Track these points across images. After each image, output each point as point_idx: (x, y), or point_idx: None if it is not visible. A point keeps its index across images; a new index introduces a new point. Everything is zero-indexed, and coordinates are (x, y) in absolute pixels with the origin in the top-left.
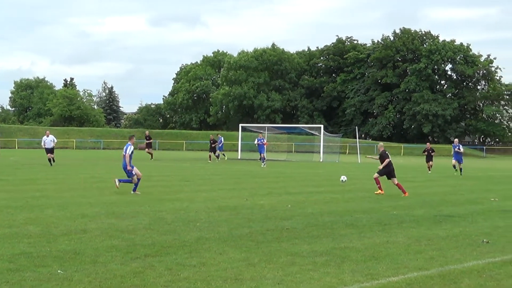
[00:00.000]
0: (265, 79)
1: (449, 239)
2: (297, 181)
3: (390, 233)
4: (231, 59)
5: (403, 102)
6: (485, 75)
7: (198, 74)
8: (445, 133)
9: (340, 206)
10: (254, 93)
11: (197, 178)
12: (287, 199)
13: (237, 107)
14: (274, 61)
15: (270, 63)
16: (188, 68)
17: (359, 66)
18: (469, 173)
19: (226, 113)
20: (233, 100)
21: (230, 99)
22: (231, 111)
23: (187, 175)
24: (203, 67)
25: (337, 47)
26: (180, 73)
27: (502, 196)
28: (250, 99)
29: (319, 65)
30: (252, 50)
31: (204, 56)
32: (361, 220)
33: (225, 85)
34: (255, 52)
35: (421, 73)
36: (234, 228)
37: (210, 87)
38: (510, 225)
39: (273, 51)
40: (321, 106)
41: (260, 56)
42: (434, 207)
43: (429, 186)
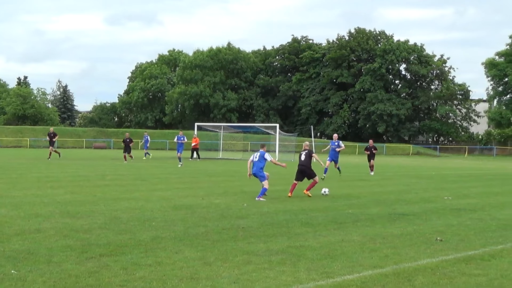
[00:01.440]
0: (221, 78)
1: (403, 237)
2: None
3: (345, 232)
4: (186, 58)
5: (358, 102)
6: (438, 75)
7: (153, 73)
8: (399, 133)
9: (296, 204)
10: (210, 92)
11: (152, 177)
12: (242, 198)
13: (193, 106)
14: (229, 60)
15: (225, 62)
16: (143, 67)
17: (314, 65)
18: (423, 172)
19: (181, 112)
20: (189, 99)
21: (186, 98)
22: (187, 110)
23: (142, 174)
24: (159, 66)
25: (292, 46)
26: (135, 71)
27: (455, 194)
28: (206, 98)
29: (275, 65)
30: (208, 49)
31: (160, 55)
32: (317, 218)
33: (181, 84)
34: (211, 51)
35: (376, 73)
36: (190, 227)
37: (166, 85)
38: (463, 223)
39: (228, 50)
40: (277, 105)
41: (216, 55)
42: (389, 205)
43: (384, 185)
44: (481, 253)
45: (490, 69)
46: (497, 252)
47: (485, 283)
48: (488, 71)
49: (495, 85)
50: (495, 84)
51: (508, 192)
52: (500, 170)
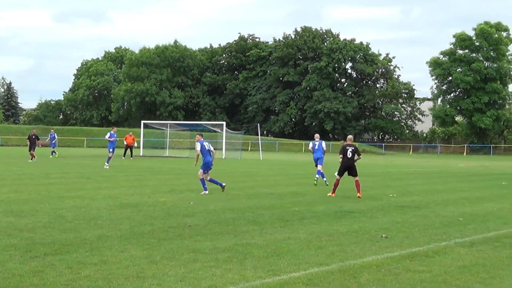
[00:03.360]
0: (168, 75)
1: (349, 234)
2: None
3: (291, 229)
4: (132, 55)
5: (304, 100)
6: (384, 74)
7: (99, 70)
8: (346, 131)
9: (242, 202)
10: (156, 89)
11: (98, 175)
12: (189, 196)
13: (139, 103)
14: (176, 57)
15: (172, 60)
16: (89, 64)
17: (261, 63)
18: (369, 169)
19: (128, 109)
20: (135, 96)
21: (132, 96)
22: (133, 107)
23: (87, 172)
24: (105, 63)
25: (239, 44)
26: (81, 69)
27: (400, 192)
28: (152, 95)
29: (222, 62)
30: (154, 47)
31: (106, 52)
32: (263, 216)
33: (127, 81)
34: (157, 48)
35: (322, 72)
36: (136, 226)
37: (112, 83)
38: (408, 220)
39: (175, 48)
40: (224, 103)
41: (162, 53)
42: (335, 203)
43: (330, 183)
44: (425, 250)
45: (434, 68)
46: (441, 248)
47: (429, 279)
48: (433, 70)
49: (439, 84)
50: (439, 83)
51: (451, 189)
52: (443, 168)
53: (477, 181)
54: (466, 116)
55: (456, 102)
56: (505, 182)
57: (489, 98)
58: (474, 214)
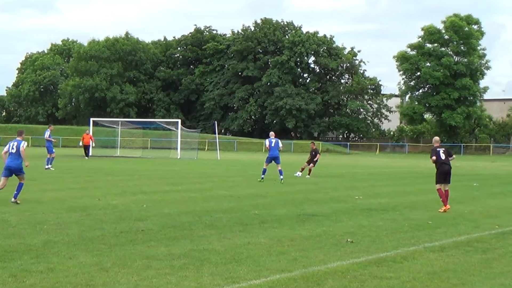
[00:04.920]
0: (119, 70)
1: (312, 239)
2: (153, 179)
3: (251, 234)
4: (81, 48)
5: (264, 96)
6: (349, 69)
7: (45, 64)
8: (309, 129)
9: (199, 205)
10: (106, 85)
11: (44, 177)
12: (142, 199)
13: (88, 99)
14: (127, 51)
15: (123, 53)
16: (34, 57)
17: (218, 57)
18: (333, 170)
19: (76, 106)
20: (84, 92)
21: (81, 91)
22: (82, 104)
23: (33, 174)
24: (51, 56)
25: (195, 37)
26: (25, 62)
27: (366, 194)
28: (102, 91)
29: (176, 56)
30: (104, 39)
31: (52, 44)
32: (221, 220)
33: (75, 76)
34: (107, 41)
35: (284, 66)
36: (85, 231)
37: (59, 78)
38: (374, 224)
39: (126, 41)
40: (179, 100)
41: (113, 46)
42: (297, 206)
43: (292, 183)
44: (393, 255)
45: (402, 62)
46: (410, 253)
47: (397, 286)
48: (400, 65)
49: (407, 79)
50: (407, 79)
51: (420, 191)
52: (412, 168)
53: None
54: (436, 114)
55: (425, 98)
56: (476, 183)
57: (459, 94)
58: (444, 217)
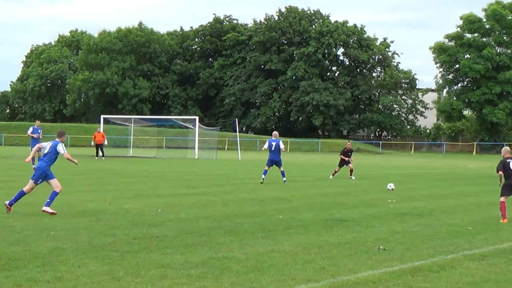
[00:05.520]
0: (131, 63)
1: (341, 246)
2: (169, 181)
3: (275, 241)
4: (91, 40)
5: (289, 91)
6: (381, 61)
7: (52, 57)
8: (338, 126)
9: (218, 210)
10: (118, 79)
11: None
12: (156, 203)
13: (99, 95)
14: (141, 42)
15: (136, 45)
16: (40, 50)
17: (239, 49)
18: (364, 171)
19: (85, 102)
20: (94, 87)
21: (90, 86)
22: (92, 100)
23: None
24: (59, 49)
25: (214, 27)
26: (30, 55)
27: (400, 197)
28: (114, 86)
29: (194, 48)
30: (116, 30)
31: (60, 36)
32: (242, 225)
33: (84, 69)
34: (119, 32)
35: (310, 58)
36: (95, 237)
37: (67, 72)
38: (409, 230)
39: (140, 31)
40: (196, 95)
41: (125, 37)
42: (325, 210)
43: (319, 186)
44: (429, 264)
45: (439, 54)
46: (447, 262)
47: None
48: (437, 57)
49: (444, 72)
50: (444, 72)
51: (459, 194)
52: (450, 169)
53: (488, 185)
54: (476, 110)
55: (464, 93)
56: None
57: (501, 89)
58: (485, 222)
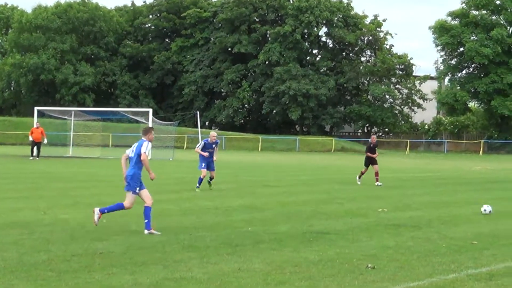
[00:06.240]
0: (72, 44)
1: (322, 264)
2: (116, 186)
3: (243, 258)
4: (23, 16)
5: (262, 79)
6: (371, 43)
7: None
8: (319, 120)
9: (176, 220)
10: (56, 64)
11: None
12: None
13: (32, 83)
14: (84, 20)
15: (78, 23)
16: None
17: (202, 28)
18: (350, 175)
19: (16, 91)
20: (27, 73)
21: (22, 72)
22: (23, 89)
23: None
24: None
25: (171, 2)
26: None
27: (393, 205)
28: (51, 72)
29: (147, 27)
30: (54, 5)
31: None
32: (204, 239)
33: (15, 52)
34: (58, 7)
35: (287, 40)
36: (27, 253)
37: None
38: (403, 244)
39: (83, 7)
40: (150, 83)
41: (65, 13)
42: (303, 221)
43: (297, 192)
44: (426, 285)
45: (440, 35)
46: (449, 283)
47: None
48: (438, 38)
49: (447, 57)
50: (447, 56)
51: (462, 201)
52: (452, 172)
53: (497, 190)
54: (483, 101)
55: (470, 82)
56: None
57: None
58: (493, 235)
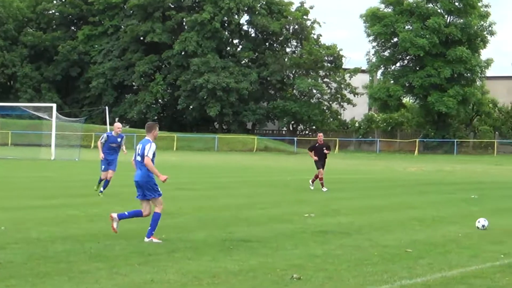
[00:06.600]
0: None
1: (243, 274)
2: (16, 189)
3: (156, 268)
4: None
5: (177, 71)
6: (297, 33)
7: None
8: (240, 117)
9: (82, 227)
10: None
11: None
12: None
13: None
14: None
15: None
16: None
17: (111, 15)
18: (273, 177)
19: None
20: None
21: None
22: None
23: None
24: None
25: None
26: None
27: (321, 210)
28: None
29: (51, 13)
30: None
31: None
32: (113, 248)
33: None
34: None
35: (205, 28)
36: None
37: None
38: (331, 253)
39: None
40: (54, 75)
41: None
42: (222, 227)
43: (215, 196)
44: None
45: (372, 24)
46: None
47: None
48: (370, 28)
49: (379, 48)
50: (379, 47)
51: (396, 206)
52: (385, 174)
53: (434, 194)
54: (419, 97)
55: (405, 76)
56: (475, 195)
57: (451, 70)
58: (429, 243)
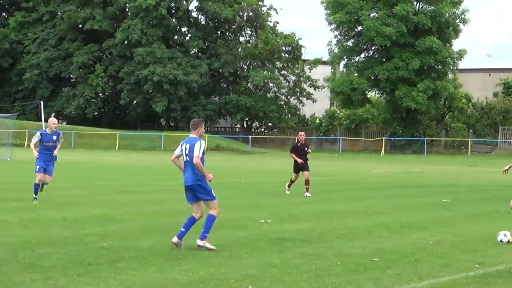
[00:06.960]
0: None
1: (193, 286)
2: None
3: (97, 279)
4: None
5: (119, 62)
6: (251, 20)
7: None
8: (190, 113)
9: (14, 234)
10: None
11: None
12: None
13: None
14: None
15: None
16: None
17: (46, 0)
18: (226, 178)
19: None
20: None
21: None
22: None
23: None
24: None
25: None
26: None
27: (278, 215)
28: None
29: None
30: None
31: None
32: (49, 257)
33: None
34: None
35: (150, 15)
36: None
37: None
38: (290, 262)
39: None
40: None
41: None
42: (170, 235)
43: (162, 200)
44: None
45: (334, 11)
46: None
47: None
48: (331, 15)
49: (342, 37)
50: (342, 36)
51: (361, 211)
52: (348, 176)
53: (402, 197)
54: (385, 91)
55: (369, 68)
56: (447, 199)
57: (421, 61)
58: (397, 251)
